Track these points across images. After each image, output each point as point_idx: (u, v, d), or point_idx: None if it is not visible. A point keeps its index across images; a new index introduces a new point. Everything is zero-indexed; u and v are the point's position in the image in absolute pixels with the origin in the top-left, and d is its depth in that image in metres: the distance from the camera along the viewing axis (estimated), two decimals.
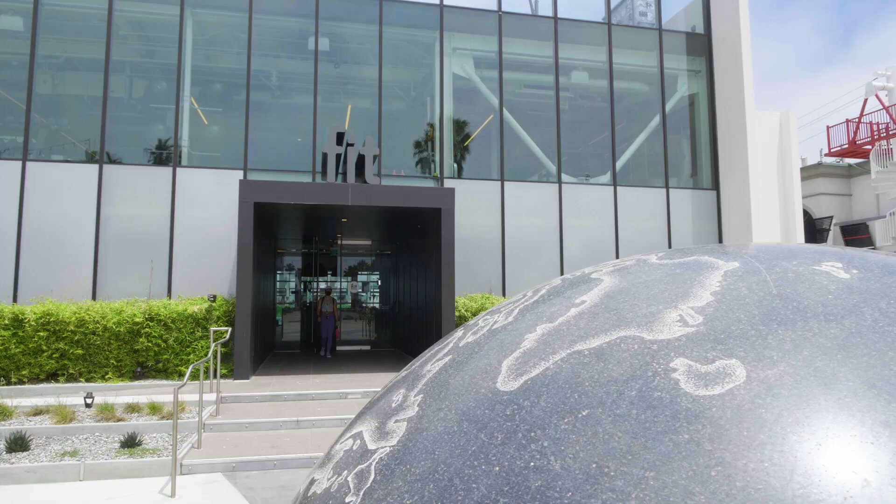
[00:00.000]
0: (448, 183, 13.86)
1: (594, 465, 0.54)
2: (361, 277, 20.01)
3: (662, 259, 0.83)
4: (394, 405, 0.80)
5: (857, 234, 24.98)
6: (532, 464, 0.57)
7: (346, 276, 19.53)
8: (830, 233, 25.63)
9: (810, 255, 0.75)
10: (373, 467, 0.71)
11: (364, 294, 19.87)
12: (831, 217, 25.84)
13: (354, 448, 0.79)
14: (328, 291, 15.14)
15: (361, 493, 0.69)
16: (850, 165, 26.20)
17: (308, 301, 19.25)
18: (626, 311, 0.70)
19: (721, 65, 15.73)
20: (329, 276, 19.33)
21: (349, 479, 0.73)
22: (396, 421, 0.76)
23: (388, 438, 0.74)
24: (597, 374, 0.62)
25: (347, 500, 0.70)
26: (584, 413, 0.59)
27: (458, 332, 0.91)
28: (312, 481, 0.85)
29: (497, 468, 0.59)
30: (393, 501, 0.64)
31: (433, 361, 0.85)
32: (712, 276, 0.71)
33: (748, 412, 0.53)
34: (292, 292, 19.21)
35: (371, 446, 0.76)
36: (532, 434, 0.60)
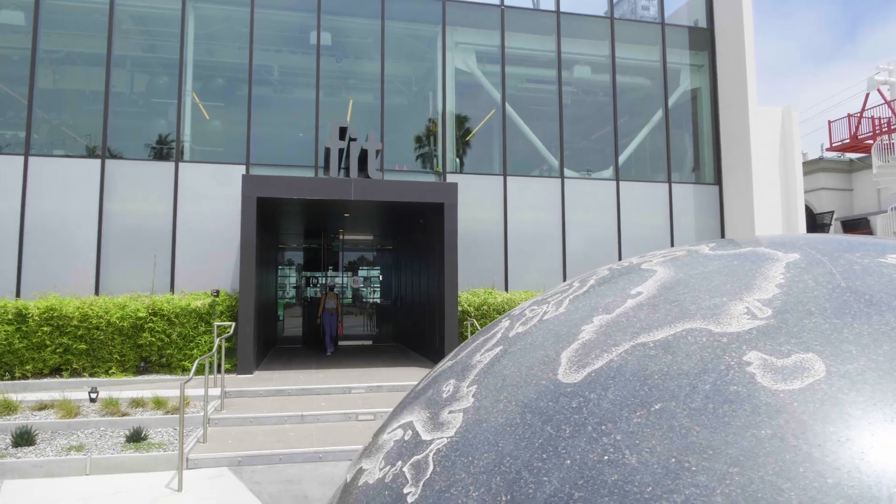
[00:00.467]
0: (450, 178, 13.85)
1: (673, 460, 0.53)
2: (363, 272, 20.01)
3: (716, 250, 0.83)
4: (445, 396, 0.80)
5: (857, 229, 24.99)
6: (606, 457, 0.57)
7: (348, 271, 19.52)
8: (831, 228, 25.63)
9: (871, 246, 0.74)
10: (430, 458, 0.70)
11: (365, 289, 19.87)
12: (832, 212, 25.84)
13: (406, 438, 0.78)
14: (331, 288, 14.98)
15: (420, 484, 0.68)
16: (851, 160, 26.18)
17: (308, 296, 19.25)
18: (689, 302, 0.69)
19: (724, 59, 15.69)
20: (330, 271, 19.33)
21: (405, 469, 0.73)
22: (451, 412, 0.75)
23: (443, 429, 0.73)
24: (665, 366, 0.62)
25: (405, 490, 0.70)
26: (656, 406, 0.58)
27: (505, 323, 0.90)
28: (361, 471, 0.84)
29: (568, 461, 0.58)
30: (457, 493, 0.63)
31: (482, 352, 0.84)
32: (774, 267, 0.71)
33: (832, 407, 0.52)
34: (294, 287, 19.21)
35: (425, 437, 0.75)
36: (603, 427, 0.59)
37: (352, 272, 19.62)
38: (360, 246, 20.39)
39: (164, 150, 13.04)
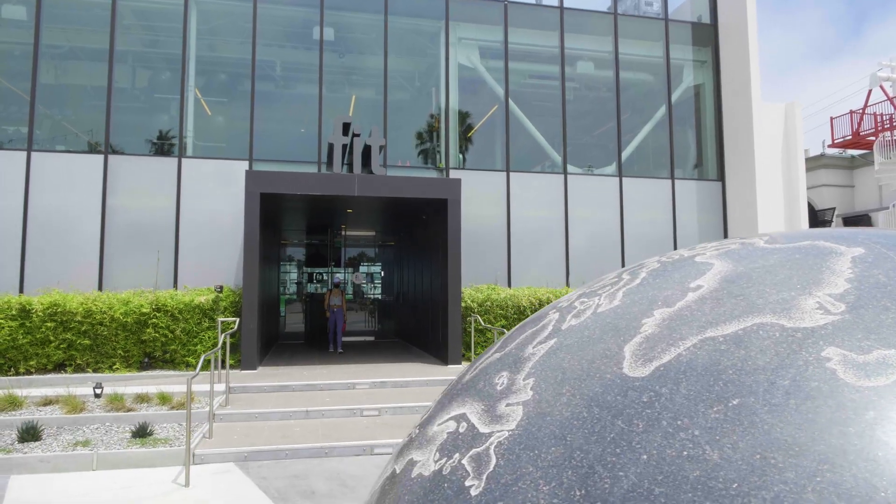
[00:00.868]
0: (453, 174, 13.83)
1: (758, 457, 0.53)
2: (365, 268, 20.00)
3: (772, 243, 0.82)
4: (499, 388, 0.79)
5: (859, 226, 24.96)
6: (685, 453, 0.56)
7: (350, 267, 19.51)
8: (833, 224, 25.63)
9: None
10: (492, 451, 0.70)
11: (368, 285, 19.87)
12: (833, 208, 25.85)
13: (461, 431, 0.78)
14: (336, 284, 14.63)
15: (484, 476, 0.68)
16: (852, 157, 26.16)
17: (309, 292, 19.24)
18: (755, 297, 0.69)
19: (727, 55, 15.66)
20: (332, 266, 19.32)
21: (464, 462, 0.72)
22: (508, 405, 0.75)
23: (502, 422, 0.73)
24: (739, 361, 0.61)
25: (467, 483, 0.69)
26: (734, 402, 0.58)
27: (553, 315, 0.90)
28: (413, 462, 0.84)
29: (644, 456, 0.58)
30: (525, 487, 0.63)
31: (534, 344, 0.83)
32: (840, 262, 0.70)
33: None
34: (296, 283, 19.21)
35: (483, 429, 0.74)
36: (678, 423, 0.59)
37: (353, 268, 19.62)
38: (362, 242, 20.38)
39: (166, 145, 13.02)
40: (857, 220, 25.37)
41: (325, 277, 19.29)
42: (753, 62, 14.79)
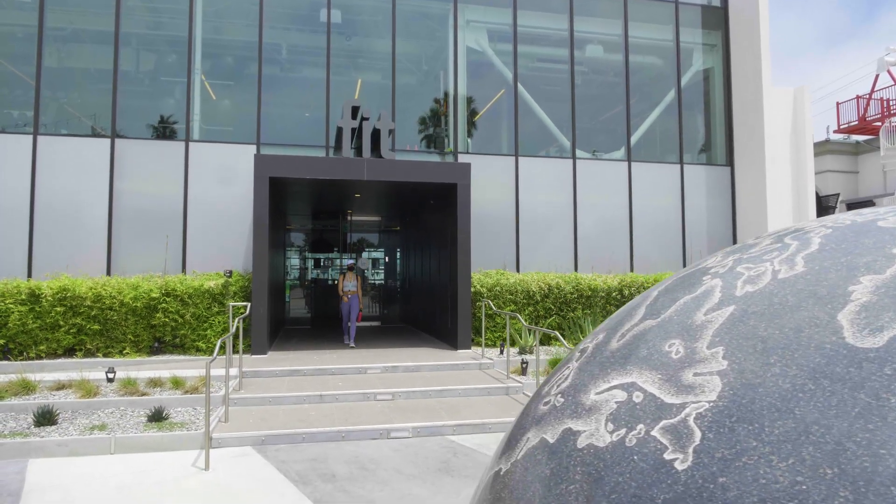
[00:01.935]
0: (462, 158, 13.75)
1: None
2: (371, 254, 19.95)
3: None
4: (675, 356, 0.75)
5: None
6: None
7: (356, 252, 19.46)
8: (837, 210, 25.58)
9: None
10: (692, 423, 0.66)
11: (374, 270, 19.83)
12: (838, 194, 25.77)
13: (637, 401, 0.73)
14: (351, 267, 13.14)
15: (690, 450, 0.64)
16: (857, 142, 26.05)
17: (314, 277, 19.20)
18: None
19: (737, 39, 15.52)
20: (336, 252, 19.27)
21: (654, 434, 0.68)
22: (698, 374, 0.70)
23: (696, 393, 0.68)
24: None
25: (668, 456, 0.65)
26: None
27: (713, 281, 0.85)
28: (570, 432, 0.79)
29: None
30: (752, 462, 0.58)
31: (704, 311, 0.79)
32: None
33: None
34: (302, 269, 19.17)
35: (670, 400, 0.70)
36: None
37: (358, 253, 19.56)
38: (368, 227, 20.32)
39: (173, 129, 12.92)
40: (862, 206, 25.29)
41: (330, 263, 19.25)
42: (764, 46, 14.66)
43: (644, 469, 0.66)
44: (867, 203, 25.03)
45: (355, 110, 12.06)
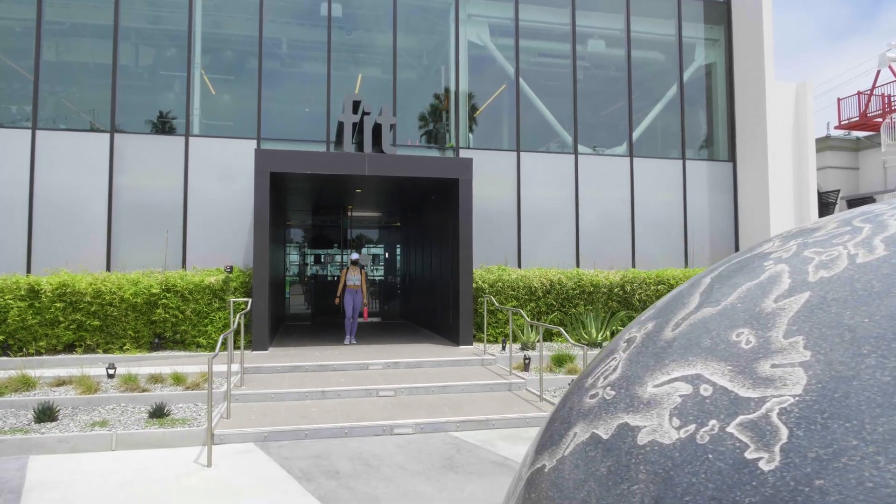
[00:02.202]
0: (463, 153, 13.68)
1: None
2: (371, 250, 19.88)
3: None
4: (747, 346, 0.69)
5: None
6: None
7: (356, 248, 19.39)
8: (837, 206, 25.54)
9: None
10: (775, 419, 0.60)
11: (374, 266, 19.77)
12: (838, 191, 25.73)
13: (706, 394, 0.67)
14: (355, 262, 12.53)
15: (776, 448, 0.58)
16: (857, 139, 26.01)
17: (314, 273, 19.13)
18: None
19: (740, 34, 15.44)
20: (336, 247, 19.21)
21: (731, 430, 0.62)
22: (776, 366, 0.64)
23: (776, 386, 0.63)
24: None
25: (750, 455, 0.59)
26: None
27: (775, 266, 0.79)
28: (629, 427, 0.73)
29: None
30: (856, 463, 0.53)
31: (773, 298, 0.73)
32: None
33: None
34: (301, 264, 19.11)
35: (745, 394, 0.64)
36: None
37: (360, 249, 19.49)
38: (368, 223, 20.25)
39: (173, 124, 12.83)
40: (862, 202, 25.26)
41: (331, 259, 19.17)
42: (767, 41, 14.59)
43: (722, 469, 0.60)
44: (868, 200, 24.99)
45: (356, 105, 11.98)
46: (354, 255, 12.62)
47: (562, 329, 7.99)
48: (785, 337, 0.67)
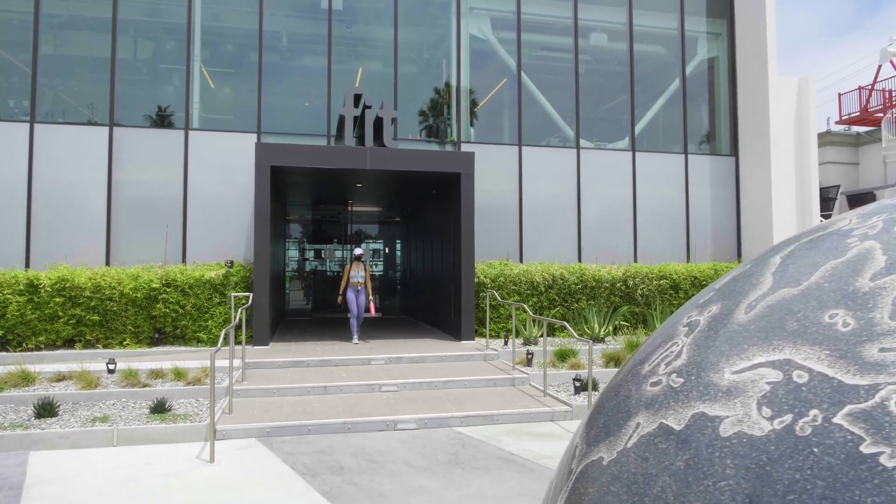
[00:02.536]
0: (464, 147, 13.59)
1: None
2: (371, 245, 19.81)
3: None
4: (844, 329, 0.63)
5: (863, 204, 24.87)
6: None
7: (356, 242, 19.32)
8: (837, 202, 25.50)
9: None
10: (893, 409, 0.53)
11: (374, 261, 19.70)
12: (838, 186, 25.69)
13: (799, 381, 0.61)
14: (358, 257, 11.83)
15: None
16: (858, 134, 25.96)
17: (314, 268, 19.06)
18: None
19: (743, 27, 15.35)
20: (336, 242, 19.13)
21: (837, 421, 0.56)
22: (885, 350, 0.58)
23: (889, 372, 0.56)
24: None
25: (867, 450, 0.53)
26: None
27: (862, 245, 0.72)
28: (705, 417, 0.67)
29: None
30: None
31: (868, 277, 0.66)
32: None
33: None
34: (303, 259, 19.03)
35: (851, 381, 0.58)
36: None
37: (360, 244, 19.41)
38: (370, 217, 20.18)
39: (172, 118, 12.73)
40: (862, 197, 25.25)
41: (331, 254, 19.10)
42: (770, 34, 14.50)
43: (833, 465, 0.54)
44: (868, 195, 24.96)
45: (357, 98, 11.89)
46: (358, 251, 11.86)
47: (566, 324, 7.93)
48: (892, 318, 0.60)
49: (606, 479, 0.75)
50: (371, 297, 11.64)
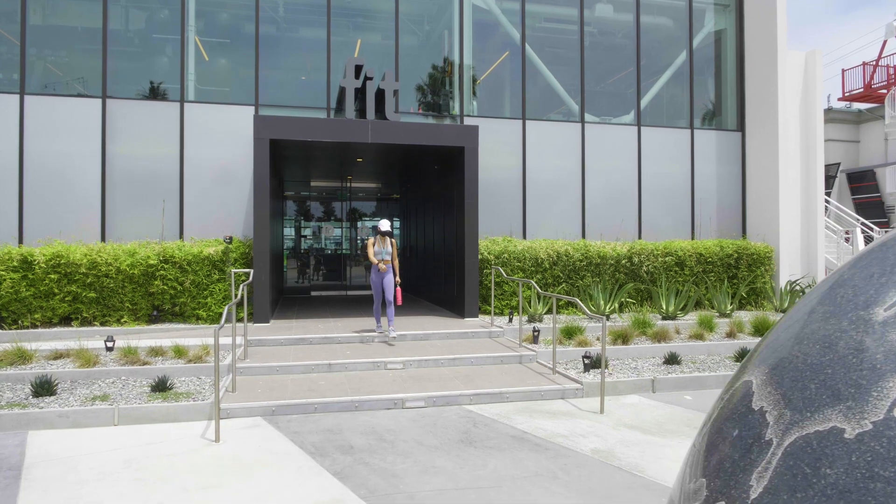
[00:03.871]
0: (467, 121, 13.29)
1: None
2: (371, 222, 19.54)
3: None
4: None
5: (863, 182, 24.72)
6: None
7: (354, 219, 19.04)
8: (837, 179, 25.31)
9: None
10: None
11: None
12: (838, 164, 25.48)
13: None
14: (385, 232, 9.64)
15: None
16: (859, 111, 25.68)
17: (312, 245, 18.80)
18: None
19: None
20: (335, 219, 18.86)
21: None
22: None
23: None
24: None
25: None
26: None
27: None
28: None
29: None
30: None
31: None
32: None
33: None
34: (301, 236, 18.76)
35: None
36: None
37: (353, 221, 19.14)
38: (370, 193, 19.88)
39: (167, 90, 12.36)
40: (862, 175, 25.07)
41: (330, 230, 18.83)
42: (780, 6, 14.16)
43: None
44: (868, 173, 24.77)
45: (358, 69, 11.56)
46: (385, 224, 9.67)
47: (577, 300, 7.74)
48: None
49: (854, 455, 0.60)
50: (398, 280, 9.70)
